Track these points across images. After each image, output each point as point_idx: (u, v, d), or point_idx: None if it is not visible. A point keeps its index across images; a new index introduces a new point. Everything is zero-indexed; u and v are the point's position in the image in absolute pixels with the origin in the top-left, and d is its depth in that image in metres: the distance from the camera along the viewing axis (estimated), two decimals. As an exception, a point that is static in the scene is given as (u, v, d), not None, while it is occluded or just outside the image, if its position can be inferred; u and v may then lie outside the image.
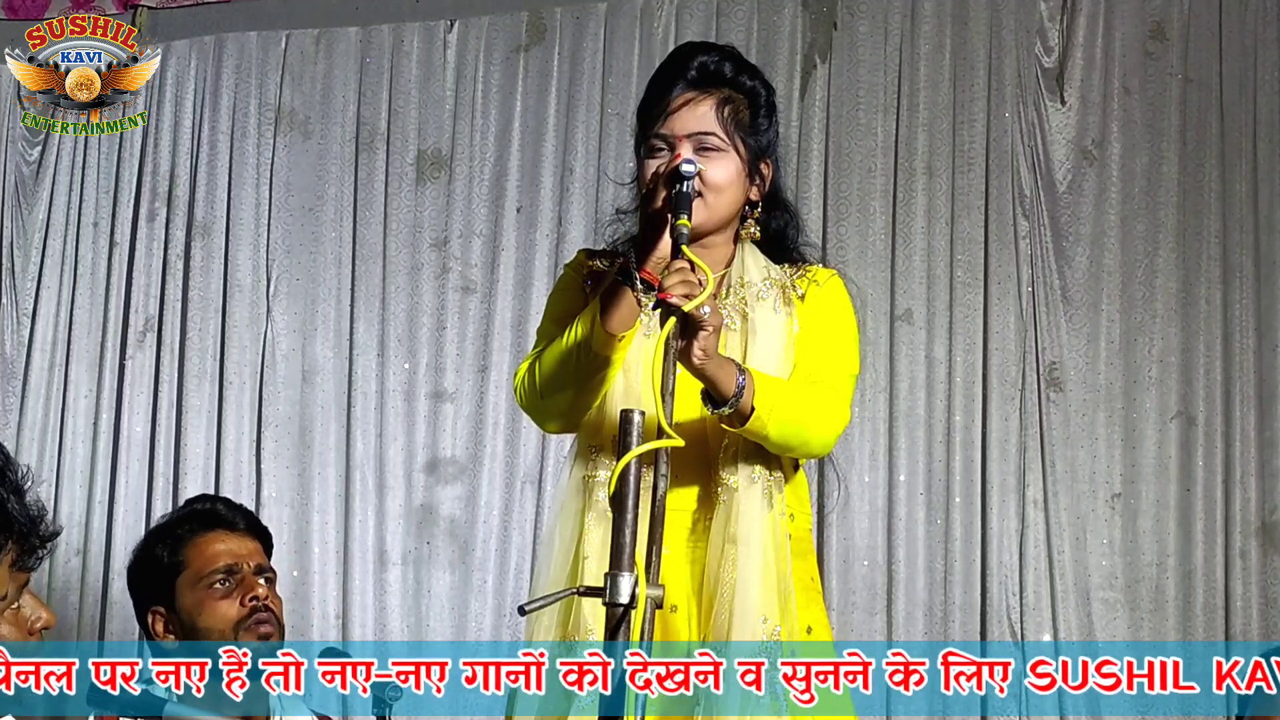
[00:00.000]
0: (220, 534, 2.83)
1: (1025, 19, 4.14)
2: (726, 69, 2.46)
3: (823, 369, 2.43)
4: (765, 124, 2.48)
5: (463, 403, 4.31)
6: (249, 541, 2.86)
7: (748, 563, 2.31)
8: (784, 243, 2.55)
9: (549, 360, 2.39)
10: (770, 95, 2.51)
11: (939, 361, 4.04)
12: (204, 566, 2.78)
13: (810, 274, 2.51)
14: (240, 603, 2.76)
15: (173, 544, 2.82)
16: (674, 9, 4.30)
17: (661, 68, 2.51)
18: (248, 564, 2.81)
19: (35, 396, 4.49)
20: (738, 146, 2.43)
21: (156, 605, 2.81)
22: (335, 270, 4.41)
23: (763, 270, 2.47)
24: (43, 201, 4.59)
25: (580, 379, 2.37)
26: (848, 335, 2.51)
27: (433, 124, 4.43)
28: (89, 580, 4.36)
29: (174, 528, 2.87)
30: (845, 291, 2.54)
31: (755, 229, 2.51)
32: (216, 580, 2.77)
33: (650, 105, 2.46)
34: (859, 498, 4.01)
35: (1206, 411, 3.93)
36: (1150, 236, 4.03)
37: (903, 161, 4.14)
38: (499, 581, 4.19)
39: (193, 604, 2.77)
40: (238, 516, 2.90)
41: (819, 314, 2.48)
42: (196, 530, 2.83)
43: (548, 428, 2.57)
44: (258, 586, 2.78)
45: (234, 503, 2.98)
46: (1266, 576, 3.86)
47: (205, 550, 2.81)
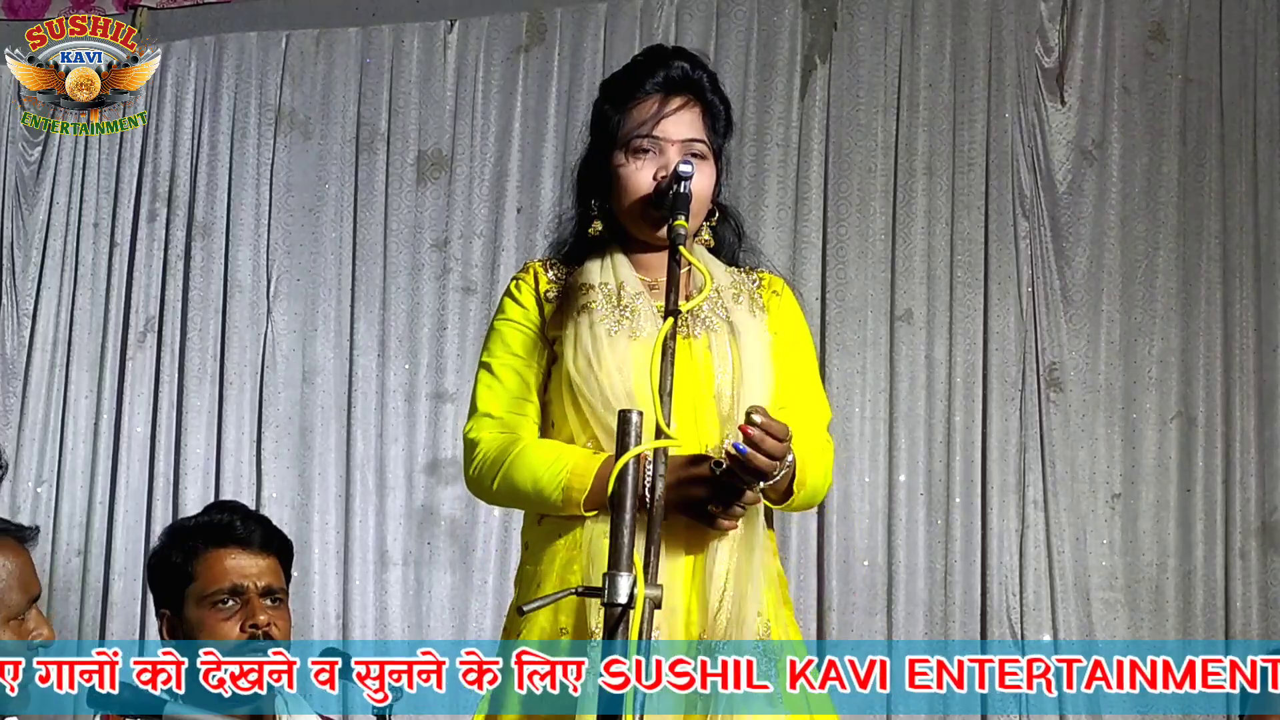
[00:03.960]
0: (232, 551, 2.78)
1: (1025, 19, 4.14)
2: (705, 79, 2.49)
3: (812, 417, 2.46)
4: (727, 134, 2.53)
5: (463, 403, 4.28)
6: (262, 560, 2.81)
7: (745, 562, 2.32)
8: (726, 246, 2.57)
9: (510, 490, 2.40)
10: (729, 109, 2.54)
11: (939, 361, 4.05)
12: (209, 584, 2.75)
13: (765, 282, 2.55)
14: (241, 628, 2.73)
15: (186, 553, 2.80)
16: (674, 9, 4.30)
17: (637, 67, 2.51)
18: (255, 584, 2.77)
19: (36, 397, 4.50)
20: (715, 155, 2.48)
21: (166, 608, 2.80)
22: (335, 271, 4.42)
23: (727, 274, 2.50)
24: (43, 202, 4.59)
25: (537, 510, 2.43)
26: (814, 362, 2.57)
27: (433, 124, 4.43)
28: (90, 580, 4.36)
29: (191, 536, 2.83)
30: (796, 301, 2.58)
31: (709, 235, 2.54)
32: (220, 600, 2.74)
33: (623, 104, 2.46)
34: (859, 498, 4.01)
35: (1206, 412, 3.93)
36: (1150, 236, 4.03)
37: (903, 161, 4.14)
38: (499, 582, 4.20)
39: (196, 619, 2.74)
40: (254, 533, 2.82)
41: (787, 335, 2.51)
42: (209, 544, 2.80)
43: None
44: (260, 612, 2.74)
45: (253, 515, 2.90)
46: (1266, 576, 3.86)
47: (214, 567, 2.76)
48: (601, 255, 2.48)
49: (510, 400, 2.44)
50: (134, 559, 4.34)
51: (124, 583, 4.33)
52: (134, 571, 4.34)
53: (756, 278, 2.54)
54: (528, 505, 2.43)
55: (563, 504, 2.33)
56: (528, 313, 2.49)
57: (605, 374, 2.34)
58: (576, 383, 2.36)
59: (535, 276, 2.52)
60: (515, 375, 2.45)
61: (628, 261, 2.46)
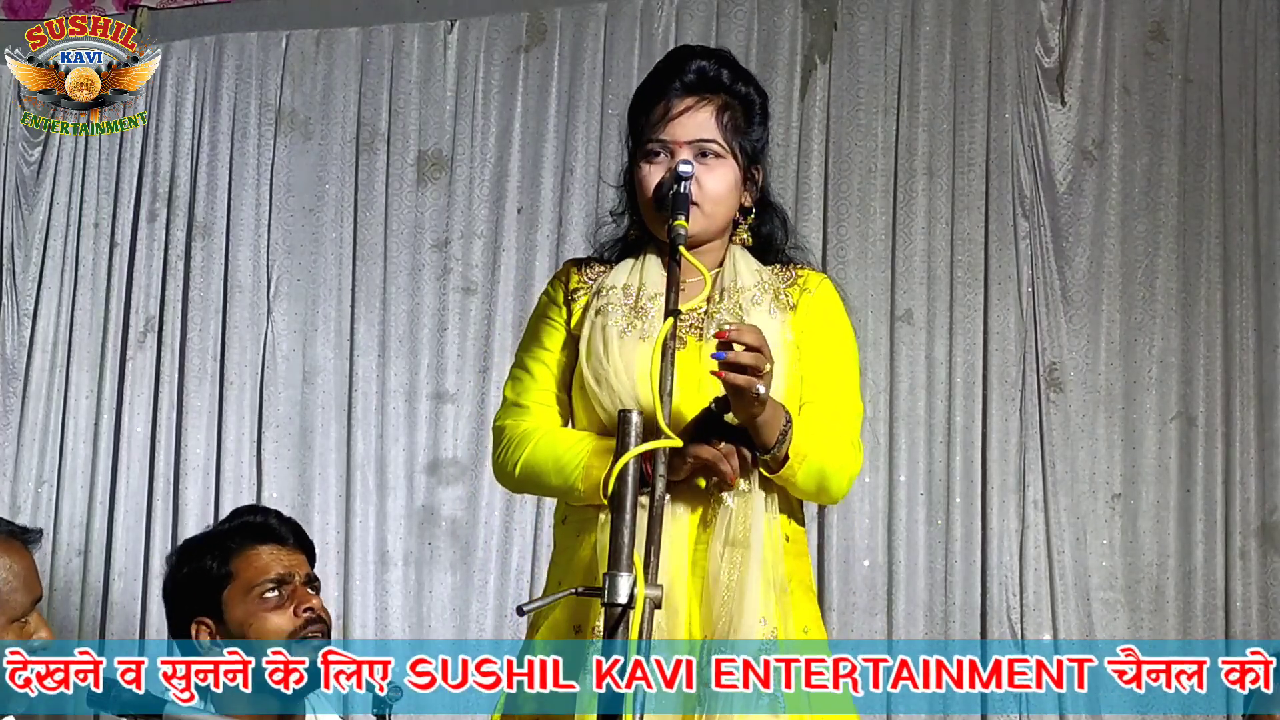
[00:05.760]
0: (270, 546, 2.81)
1: (1025, 19, 4.14)
2: (725, 75, 2.48)
3: (835, 413, 2.44)
4: (759, 130, 2.52)
5: (464, 403, 4.31)
6: (297, 554, 2.85)
7: (748, 565, 2.32)
8: (773, 245, 2.57)
9: (533, 471, 2.43)
10: (764, 102, 2.54)
11: (939, 361, 4.05)
12: (255, 577, 2.76)
13: (801, 280, 2.53)
14: (294, 613, 2.74)
15: (221, 555, 2.80)
16: (674, 9, 4.30)
17: (657, 70, 2.53)
18: (299, 574, 2.80)
19: (36, 397, 4.49)
20: (735, 153, 2.46)
21: (202, 616, 2.78)
22: (336, 271, 4.42)
23: (754, 274, 2.50)
24: (43, 202, 4.59)
25: (558, 497, 2.48)
26: (849, 361, 2.53)
27: (433, 124, 4.43)
28: (90, 581, 4.36)
29: (223, 539, 2.83)
30: (838, 298, 2.56)
31: (747, 235, 2.54)
32: (268, 590, 2.76)
33: (646, 108, 2.47)
34: (859, 498, 4.00)
35: (1206, 412, 3.93)
36: (1150, 236, 4.03)
37: (903, 162, 4.14)
38: (500, 582, 4.20)
39: (243, 615, 2.74)
40: (287, 531, 2.87)
41: (817, 332, 2.49)
42: (247, 542, 2.81)
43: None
44: (310, 597, 2.77)
45: (284, 516, 2.93)
46: (1266, 576, 3.86)
47: (255, 562, 2.78)
48: (636, 257, 2.52)
49: (538, 392, 2.51)
50: (134, 559, 4.34)
51: (124, 583, 4.33)
52: (134, 572, 4.34)
53: (793, 275, 2.53)
54: (549, 488, 2.45)
55: (584, 486, 2.35)
56: (559, 310, 2.54)
57: (614, 374, 2.39)
58: (588, 381, 2.41)
59: (567, 275, 2.57)
60: (544, 369, 2.52)
61: (659, 264, 2.48)
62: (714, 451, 2.28)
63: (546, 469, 2.41)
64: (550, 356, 2.52)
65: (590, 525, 2.38)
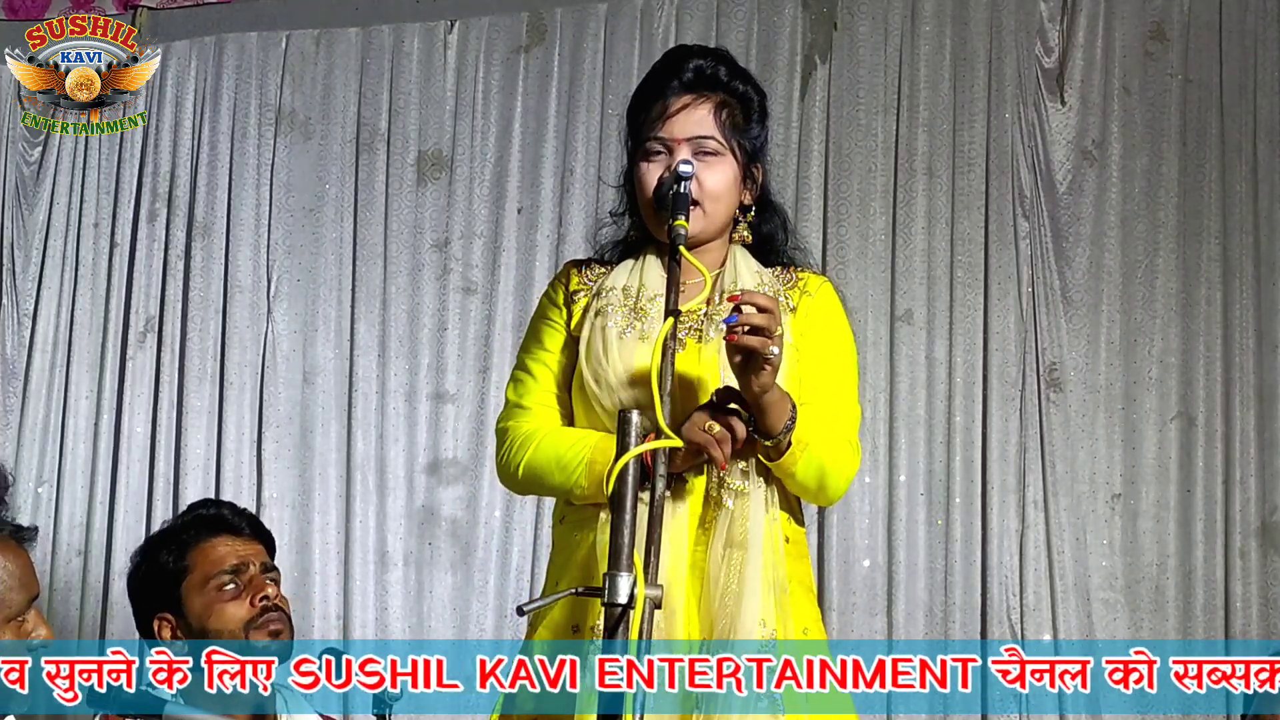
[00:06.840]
0: (225, 538, 2.82)
1: (1025, 19, 4.14)
2: (722, 73, 2.48)
3: (834, 414, 2.44)
4: (758, 128, 2.52)
5: (464, 404, 4.31)
6: (254, 544, 2.86)
7: (748, 567, 2.32)
8: (773, 245, 2.57)
9: (536, 471, 2.43)
10: (763, 100, 2.54)
11: (939, 361, 4.05)
12: (211, 569, 2.77)
13: (801, 282, 2.52)
14: (250, 603, 2.74)
15: (178, 549, 2.81)
16: (674, 9, 4.30)
17: (655, 70, 2.53)
18: (254, 563, 2.80)
19: (36, 397, 4.50)
20: (734, 150, 2.46)
21: (163, 612, 2.79)
22: (336, 271, 4.42)
23: (754, 275, 2.49)
24: (43, 202, 4.59)
25: (562, 496, 2.47)
26: (848, 364, 2.53)
27: (433, 124, 4.43)
28: (90, 580, 4.36)
29: (178, 533, 2.85)
30: (838, 301, 2.56)
31: (747, 232, 2.54)
32: (224, 581, 2.76)
33: (644, 107, 2.48)
34: (859, 498, 4.01)
35: (1206, 412, 3.93)
36: (1150, 236, 4.03)
37: (903, 162, 4.14)
38: (500, 582, 4.20)
39: (201, 607, 2.75)
40: (242, 521, 2.88)
41: (817, 335, 2.49)
42: (202, 535, 2.82)
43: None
44: (266, 586, 2.77)
45: (238, 507, 2.96)
46: (1266, 576, 3.86)
47: (211, 553, 2.79)
48: (636, 258, 2.52)
49: (540, 393, 2.51)
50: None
51: (124, 583, 4.32)
52: (134, 571, 4.34)
53: (794, 277, 2.53)
54: (553, 487, 2.44)
55: (587, 482, 2.35)
56: (559, 312, 2.55)
57: (613, 374, 2.38)
58: (587, 382, 2.41)
59: (567, 277, 2.58)
60: (545, 370, 2.52)
61: (659, 265, 2.48)
62: (705, 436, 2.27)
63: (549, 468, 2.41)
64: (551, 358, 2.52)
65: (588, 524, 2.38)
